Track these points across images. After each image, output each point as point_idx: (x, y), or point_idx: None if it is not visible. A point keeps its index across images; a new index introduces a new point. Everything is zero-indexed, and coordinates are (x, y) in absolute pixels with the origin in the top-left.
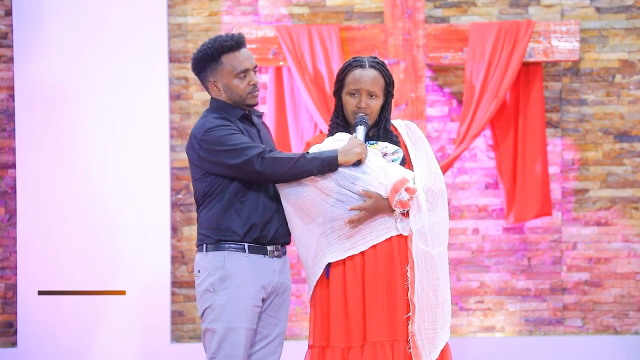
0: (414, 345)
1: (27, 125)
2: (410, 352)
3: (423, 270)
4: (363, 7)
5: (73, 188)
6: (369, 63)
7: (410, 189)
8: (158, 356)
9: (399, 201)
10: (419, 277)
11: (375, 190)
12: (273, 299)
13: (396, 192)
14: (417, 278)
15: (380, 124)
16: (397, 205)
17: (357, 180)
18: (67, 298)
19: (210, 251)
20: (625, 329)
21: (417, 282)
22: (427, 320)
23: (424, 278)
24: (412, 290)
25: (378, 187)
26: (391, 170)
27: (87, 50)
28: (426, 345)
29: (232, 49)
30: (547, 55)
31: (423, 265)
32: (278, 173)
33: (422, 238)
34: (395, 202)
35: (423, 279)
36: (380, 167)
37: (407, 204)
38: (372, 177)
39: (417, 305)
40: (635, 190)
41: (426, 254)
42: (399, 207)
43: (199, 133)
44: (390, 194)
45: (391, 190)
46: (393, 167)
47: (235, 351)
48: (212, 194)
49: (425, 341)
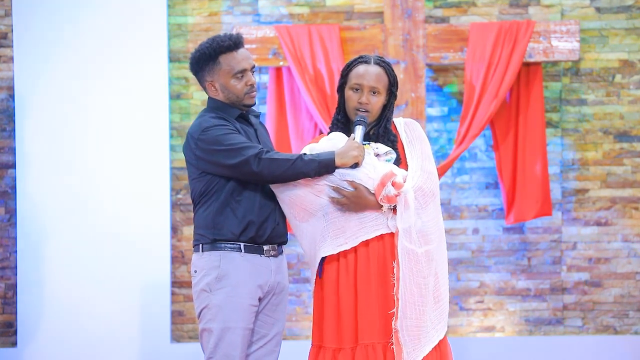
0: (396, 342)
1: (27, 125)
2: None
3: (407, 268)
4: (363, 7)
5: (73, 188)
6: (374, 60)
7: (397, 183)
8: (158, 356)
9: (386, 196)
10: (403, 274)
11: (363, 184)
12: (270, 299)
13: (383, 186)
14: (401, 275)
15: (381, 123)
16: (384, 200)
17: (346, 175)
18: (67, 298)
19: (206, 251)
20: (625, 329)
21: (400, 278)
22: (409, 318)
23: (407, 275)
24: (397, 287)
25: (367, 181)
26: (380, 166)
27: (87, 50)
28: (408, 342)
29: (229, 49)
30: (547, 55)
31: (407, 262)
32: (275, 174)
33: (407, 236)
34: (381, 197)
35: (406, 277)
36: (371, 163)
37: (394, 199)
38: (361, 172)
39: (401, 302)
40: (635, 190)
41: (411, 252)
42: (385, 202)
43: (196, 132)
44: (377, 188)
45: (378, 184)
46: (383, 164)
47: (232, 351)
48: (208, 193)
49: (407, 338)
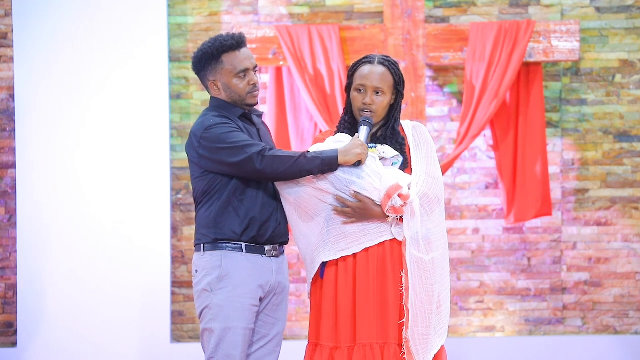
0: (408, 351)
1: (27, 125)
2: (404, 357)
3: (416, 277)
4: (363, 7)
5: (73, 188)
6: (379, 60)
7: (403, 195)
8: (158, 356)
9: (392, 207)
10: (413, 283)
11: (369, 194)
12: (271, 299)
13: (389, 199)
14: (411, 284)
15: (388, 124)
16: (390, 211)
17: (351, 184)
18: (67, 298)
19: (207, 251)
20: (625, 329)
21: (410, 288)
22: (420, 326)
23: (417, 284)
24: (407, 297)
25: (372, 192)
26: (386, 175)
27: (87, 50)
28: (420, 350)
29: (232, 48)
30: (547, 55)
31: (416, 271)
32: (278, 171)
33: (415, 244)
34: (388, 208)
35: (416, 285)
36: (376, 171)
37: (401, 210)
38: (366, 182)
39: (411, 311)
40: (635, 190)
41: (419, 260)
42: (392, 213)
43: (199, 131)
44: (383, 200)
45: (384, 196)
46: (389, 172)
47: (233, 351)
48: (211, 192)
49: (419, 346)
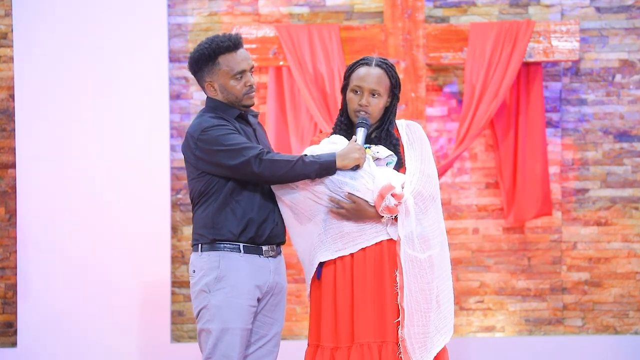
0: (404, 350)
1: (27, 125)
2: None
3: (411, 276)
4: (363, 7)
5: (73, 188)
6: (376, 62)
7: (396, 194)
8: (158, 356)
9: (386, 207)
10: (408, 282)
11: (362, 195)
12: (269, 299)
13: (382, 199)
14: (406, 283)
15: (383, 126)
16: (384, 211)
17: (345, 186)
18: (67, 298)
19: (205, 251)
20: (625, 329)
21: (405, 287)
22: (417, 325)
23: (412, 283)
24: (402, 296)
25: (365, 192)
26: (378, 176)
27: (87, 50)
28: (417, 349)
29: (229, 49)
30: (547, 55)
31: (411, 270)
32: (276, 175)
33: (410, 243)
34: (382, 209)
35: (411, 284)
36: (369, 172)
37: (395, 210)
38: (359, 183)
39: (406, 310)
40: (635, 190)
41: (414, 259)
42: (387, 213)
43: (196, 132)
44: (376, 201)
45: (377, 197)
46: (382, 172)
47: (230, 351)
48: (207, 193)
49: (415, 346)
